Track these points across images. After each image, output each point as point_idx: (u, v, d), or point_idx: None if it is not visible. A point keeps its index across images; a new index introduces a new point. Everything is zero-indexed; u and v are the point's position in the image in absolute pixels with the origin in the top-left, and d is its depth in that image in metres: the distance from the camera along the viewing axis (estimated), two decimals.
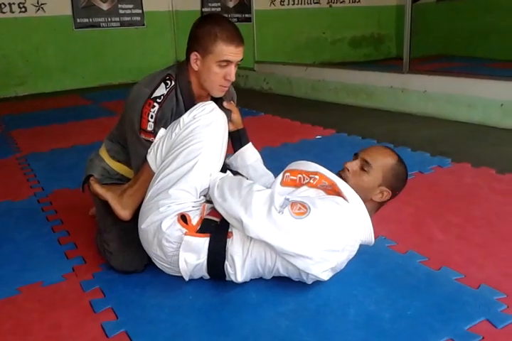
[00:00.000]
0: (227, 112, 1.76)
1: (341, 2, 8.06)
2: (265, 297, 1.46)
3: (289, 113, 4.14)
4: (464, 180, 2.42)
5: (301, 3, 7.70)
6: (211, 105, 1.56)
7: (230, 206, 1.39)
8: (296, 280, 1.47)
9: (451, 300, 1.42)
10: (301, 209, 1.34)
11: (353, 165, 1.51)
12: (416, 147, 2.96)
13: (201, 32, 1.58)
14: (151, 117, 1.60)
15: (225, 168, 1.74)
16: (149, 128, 1.60)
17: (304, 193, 1.46)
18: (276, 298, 1.45)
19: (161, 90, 1.62)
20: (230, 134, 1.80)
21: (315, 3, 7.83)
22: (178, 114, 1.62)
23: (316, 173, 1.50)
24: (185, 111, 1.59)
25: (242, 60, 1.63)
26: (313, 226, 1.33)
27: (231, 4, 7.13)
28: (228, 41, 1.56)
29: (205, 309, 1.43)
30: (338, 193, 1.44)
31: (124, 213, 1.61)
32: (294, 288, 1.49)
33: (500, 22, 6.35)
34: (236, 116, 1.80)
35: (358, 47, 8.29)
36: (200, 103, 1.58)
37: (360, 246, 1.47)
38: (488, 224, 1.92)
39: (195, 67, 1.63)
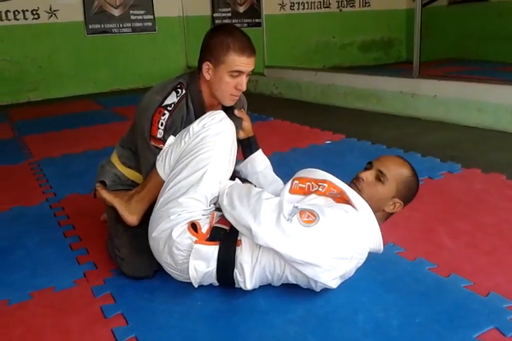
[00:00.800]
0: (238, 120, 1.78)
1: (351, 6, 8.07)
2: (274, 304, 1.47)
3: (299, 118, 4.15)
4: (474, 186, 2.41)
5: (311, 8, 7.73)
6: (221, 115, 1.58)
7: (239, 214, 1.40)
8: (305, 287, 1.48)
9: (460, 308, 1.42)
10: (309, 217, 1.35)
11: (368, 175, 1.51)
12: (426, 152, 2.95)
13: (214, 42, 1.61)
14: (161, 125, 1.62)
15: (234, 176, 1.75)
16: (159, 136, 1.63)
17: (313, 201, 1.47)
18: (285, 305, 1.46)
19: (172, 98, 1.65)
20: (241, 142, 1.82)
21: (325, 7, 7.85)
22: (188, 122, 1.64)
23: (324, 181, 1.50)
24: (196, 119, 1.61)
25: (253, 70, 1.66)
26: (322, 234, 1.33)
27: (241, 9, 7.17)
28: (240, 52, 1.58)
29: (214, 315, 1.44)
30: (346, 201, 1.44)
31: (131, 218, 1.64)
32: (302, 295, 1.49)
33: (511, 26, 6.31)
34: (247, 124, 1.82)
35: (368, 52, 8.29)
36: (210, 112, 1.60)
37: (369, 253, 1.48)
38: (497, 231, 1.91)
39: (207, 76, 1.65)
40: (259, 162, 1.85)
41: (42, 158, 3.24)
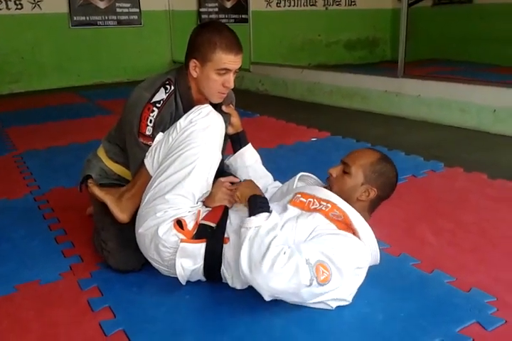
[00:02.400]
0: (227, 116, 1.78)
1: (337, 5, 8.11)
2: (261, 297, 1.47)
3: (285, 114, 4.17)
4: (456, 184, 2.46)
5: (298, 5, 7.74)
6: (207, 108, 1.58)
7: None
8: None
9: (443, 303, 1.45)
10: (324, 273, 1.29)
11: (336, 170, 1.54)
12: (409, 151, 3.00)
13: (201, 40, 1.60)
14: (150, 122, 1.62)
15: (222, 170, 1.76)
16: (148, 133, 1.62)
17: (314, 220, 1.43)
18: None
19: (161, 95, 1.64)
20: (230, 137, 1.84)
21: (311, 5, 7.87)
22: (177, 119, 1.64)
23: (328, 201, 1.47)
24: None
25: (240, 67, 1.66)
26: (336, 285, 1.34)
27: (228, 5, 7.14)
28: (227, 50, 1.58)
29: (201, 308, 1.46)
30: (348, 225, 1.43)
31: (122, 216, 1.64)
32: None
33: (494, 27, 6.41)
34: (235, 119, 1.83)
35: (353, 50, 8.34)
36: (197, 106, 1.60)
37: None
38: (479, 229, 1.96)
39: (194, 74, 1.65)
40: (249, 156, 1.85)
41: (25, 150, 3.20)
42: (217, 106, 1.73)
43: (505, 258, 1.73)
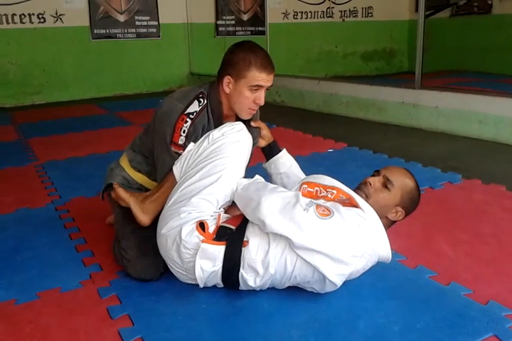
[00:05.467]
0: (257, 130, 1.85)
1: (354, 16, 8.16)
2: (277, 307, 1.50)
3: (301, 126, 4.19)
4: (474, 196, 2.45)
5: (314, 17, 7.82)
6: (240, 125, 1.66)
7: (251, 194, 1.48)
8: (310, 289, 1.51)
9: (460, 315, 1.45)
10: (325, 211, 1.40)
11: (376, 181, 1.57)
12: (427, 162, 2.99)
13: (236, 58, 1.67)
14: (183, 132, 1.67)
15: None
16: (180, 142, 1.68)
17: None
18: (288, 309, 1.49)
19: (195, 107, 1.70)
20: (263, 149, 1.92)
21: (328, 17, 7.94)
22: (207, 131, 1.70)
23: (333, 188, 1.55)
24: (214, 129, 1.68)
25: (271, 85, 1.72)
26: (336, 227, 1.38)
27: (245, 17, 7.25)
28: (262, 68, 1.65)
29: (218, 317, 1.47)
30: (355, 206, 1.48)
31: (144, 218, 1.67)
32: (305, 299, 1.52)
33: (511, 38, 6.39)
34: (265, 131, 1.90)
35: (370, 61, 8.37)
36: (230, 122, 1.67)
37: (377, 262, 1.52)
38: (496, 241, 1.95)
39: (226, 89, 1.71)
40: (283, 163, 1.91)
41: (47, 160, 3.27)
42: (245, 122, 1.79)
43: None
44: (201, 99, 1.72)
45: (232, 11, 7.16)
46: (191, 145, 1.67)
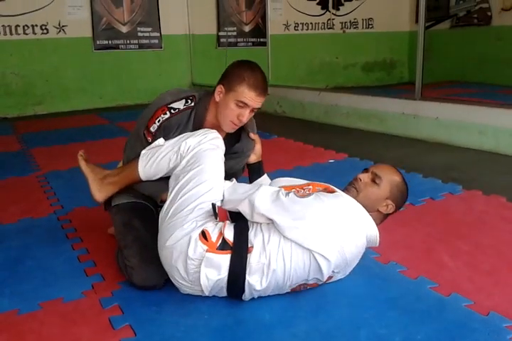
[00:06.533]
0: (252, 143, 1.86)
1: (355, 28, 8.23)
2: (278, 318, 1.50)
3: (302, 136, 4.21)
4: (475, 207, 2.46)
5: (315, 29, 7.88)
6: (214, 134, 1.70)
7: (240, 195, 1.56)
8: (312, 281, 1.53)
9: (461, 326, 1.45)
10: (304, 193, 1.53)
11: (365, 177, 1.64)
12: (427, 173, 3.00)
13: (234, 71, 1.74)
14: (158, 121, 1.76)
15: None
16: (152, 130, 1.76)
17: None
18: (289, 319, 1.49)
19: (179, 105, 1.78)
20: (249, 165, 1.95)
21: (328, 28, 8.00)
22: (181, 133, 1.76)
23: (308, 184, 1.66)
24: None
25: (259, 108, 1.76)
26: (316, 203, 1.48)
27: (247, 29, 7.31)
28: (253, 87, 1.69)
29: (220, 328, 1.47)
30: (333, 192, 1.58)
31: (98, 195, 1.80)
32: (306, 310, 1.53)
33: (511, 49, 6.43)
34: (258, 146, 1.94)
35: (371, 72, 8.42)
36: (205, 129, 1.73)
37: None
38: (497, 252, 1.95)
39: (217, 98, 1.76)
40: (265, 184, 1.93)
41: (49, 170, 3.29)
42: (243, 132, 1.85)
43: None
44: (189, 101, 1.79)
45: (233, 23, 7.22)
46: (161, 140, 1.72)
